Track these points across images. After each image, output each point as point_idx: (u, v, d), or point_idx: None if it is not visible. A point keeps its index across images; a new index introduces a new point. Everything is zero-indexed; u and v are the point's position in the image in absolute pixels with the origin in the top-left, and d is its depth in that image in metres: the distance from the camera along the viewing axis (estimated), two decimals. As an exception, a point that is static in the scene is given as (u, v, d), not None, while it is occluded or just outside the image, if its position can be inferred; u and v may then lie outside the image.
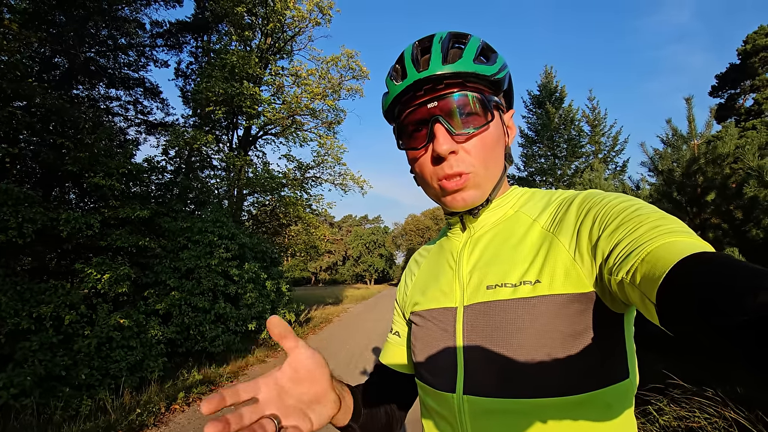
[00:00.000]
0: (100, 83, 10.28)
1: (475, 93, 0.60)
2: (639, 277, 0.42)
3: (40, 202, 5.27)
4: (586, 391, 0.52)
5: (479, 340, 0.59)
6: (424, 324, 0.69)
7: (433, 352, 0.65)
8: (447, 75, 0.59)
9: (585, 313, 0.53)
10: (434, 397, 0.65)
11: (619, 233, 0.48)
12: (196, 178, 9.37)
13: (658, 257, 0.41)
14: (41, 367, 4.33)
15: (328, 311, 14.81)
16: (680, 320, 0.37)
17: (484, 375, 0.57)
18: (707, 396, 2.81)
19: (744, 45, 20.05)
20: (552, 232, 0.59)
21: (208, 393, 5.20)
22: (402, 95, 0.63)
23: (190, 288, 6.59)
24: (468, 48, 0.61)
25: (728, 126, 4.51)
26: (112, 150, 6.45)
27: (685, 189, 4.54)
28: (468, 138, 0.60)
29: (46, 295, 4.80)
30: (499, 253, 0.63)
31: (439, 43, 0.61)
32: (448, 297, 0.67)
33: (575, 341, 0.53)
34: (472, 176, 0.61)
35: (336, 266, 57.12)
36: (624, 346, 0.56)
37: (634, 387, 0.57)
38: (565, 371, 0.52)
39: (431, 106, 0.60)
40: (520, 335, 0.55)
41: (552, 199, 0.65)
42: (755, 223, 3.69)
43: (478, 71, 0.60)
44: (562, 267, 0.55)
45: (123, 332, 5.27)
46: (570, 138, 12.73)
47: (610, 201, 0.54)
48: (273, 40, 11.93)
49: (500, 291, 0.59)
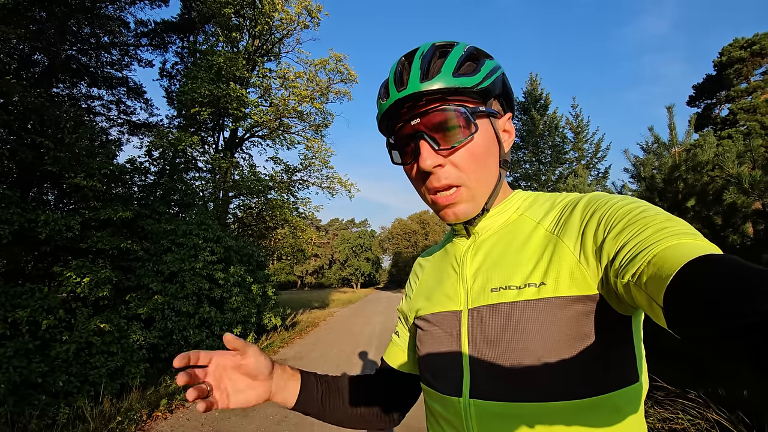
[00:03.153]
0: (82, 82, 10.03)
1: (458, 106, 0.59)
2: (646, 279, 0.42)
3: (17, 203, 5.09)
4: (594, 394, 0.52)
5: (484, 343, 0.58)
6: (429, 328, 0.69)
7: (438, 356, 0.65)
8: (425, 93, 0.58)
9: (591, 316, 0.53)
10: (440, 402, 0.64)
11: (625, 235, 0.48)
12: (181, 179, 9.19)
13: (665, 259, 0.40)
14: (16, 374, 4.16)
15: (315, 315, 14.68)
16: (688, 323, 0.36)
17: (491, 378, 0.57)
18: (690, 398, 2.87)
19: (720, 57, 20.79)
20: (556, 234, 0.59)
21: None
22: (389, 112, 0.63)
23: (174, 292, 6.44)
24: (448, 61, 0.60)
25: (706, 135, 4.64)
26: (93, 150, 6.28)
27: (667, 195, 4.66)
28: (452, 151, 0.60)
29: (22, 299, 4.63)
30: (503, 256, 0.63)
31: (420, 59, 0.61)
32: (453, 300, 0.66)
33: (581, 343, 0.52)
34: (464, 190, 0.61)
35: (322, 270, 56.70)
36: (633, 349, 0.55)
37: (643, 391, 0.56)
38: (572, 374, 0.52)
39: (414, 122, 0.61)
40: (526, 338, 0.54)
41: (556, 202, 0.64)
42: (734, 229, 3.81)
43: (458, 84, 0.59)
44: (567, 269, 0.55)
45: (103, 337, 5.11)
46: (554, 144, 12.97)
47: (615, 203, 0.54)
48: (261, 42, 11.85)
49: (504, 293, 0.58)
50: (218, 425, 4.26)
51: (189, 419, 4.45)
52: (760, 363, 0.29)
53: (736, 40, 20.09)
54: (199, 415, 4.55)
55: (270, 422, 4.32)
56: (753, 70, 19.93)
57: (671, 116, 5.08)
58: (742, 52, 19.64)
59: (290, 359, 7.46)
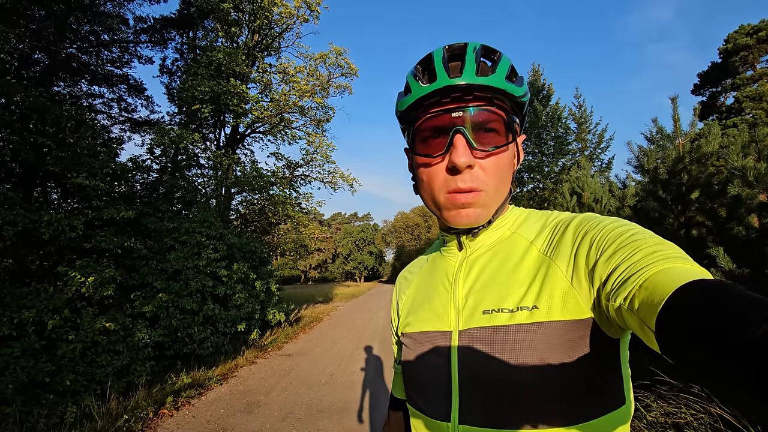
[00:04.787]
0: (83, 80, 10.04)
1: (501, 111, 0.59)
2: (637, 303, 0.41)
3: (20, 204, 5.12)
4: (584, 420, 0.51)
5: (475, 366, 0.57)
6: (417, 347, 0.67)
7: (425, 377, 0.64)
8: (480, 87, 0.57)
9: (583, 341, 0.52)
10: (427, 425, 0.63)
11: (617, 258, 0.48)
12: (183, 177, 9.23)
13: (657, 284, 0.40)
14: (23, 374, 4.21)
15: (319, 310, 14.76)
16: (681, 348, 0.36)
17: (480, 404, 0.56)
18: (693, 392, 2.87)
19: (725, 44, 20.48)
20: (549, 256, 0.58)
21: (197, 396, 5.13)
22: (426, 98, 0.60)
23: (178, 290, 6.49)
24: (501, 64, 0.60)
25: (711, 125, 4.58)
26: (95, 149, 6.29)
27: (671, 187, 4.61)
28: (487, 155, 0.59)
29: (27, 299, 4.67)
30: (495, 276, 0.62)
31: (474, 53, 0.60)
32: (443, 320, 0.65)
33: (573, 369, 0.52)
34: (483, 194, 0.59)
35: (326, 264, 56.91)
36: (620, 371, 0.55)
37: (630, 413, 0.56)
38: (563, 400, 0.51)
39: (455, 115, 0.58)
40: (517, 363, 0.53)
41: (547, 222, 0.64)
42: (738, 221, 3.77)
43: (508, 90, 0.59)
44: (560, 292, 0.54)
45: (109, 336, 5.16)
46: (557, 135, 12.88)
47: (606, 225, 0.53)
48: (260, 37, 11.77)
49: (497, 316, 0.57)
50: (224, 422, 4.30)
51: (195, 416, 4.50)
52: (755, 388, 0.29)
53: (742, 27, 19.76)
54: (204, 413, 4.60)
55: (275, 418, 4.36)
56: (759, 57, 19.64)
57: (675, 107, 5.01)
58: (747, 38, 19.32)
59: (295, 354, 7.52)
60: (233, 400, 4.99)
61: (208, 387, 5.50)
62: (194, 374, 5.78)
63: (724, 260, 3.10)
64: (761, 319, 0.30)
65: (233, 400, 4.99)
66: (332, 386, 5.43)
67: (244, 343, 7.86)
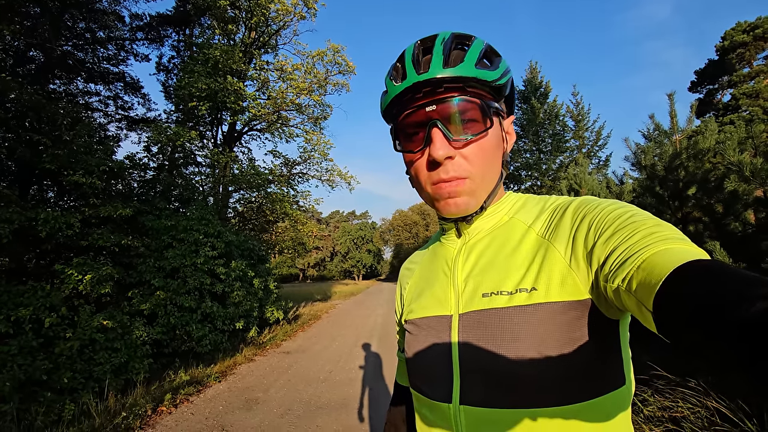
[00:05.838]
0: (78, 78, 9.98)
1: (475, 98, 0.59)
2: (635, 284, 0.42)
3: (16, 202, 5.09)
4: (584, 399, 0.52)
5: (475, 348, 0.58)
6: (419, 332, 0.68)
7: (427, 361, 0.65)
8: (447, 79, 0.57)
9: (581, 321, 0.53)
10: (430, 408, 0.64)
11: (615, 240, 0.48)
12: (180, 175, 9.18)
13: (654, 264, 0.41)
14: (21, 371, 4.19)
15: (317, 308, 14.76)
16: (678, 328, 0.37)
17: (481, 384, 0.56)
18: (690, 386, 2.89)
19: (722, 41, 20.54)
20: (547, 239, 0.58)
21: (195, 394, 5.13)
22: (401, 96, 0.62)
23: (176, 287, 6.47)
24: (471, 51, 0.60)
25: (708, 121, 4.60)
26: (91, 147, 6.25)
27: (668, 183, 4.63)
28: (465, 144, 0.59)
29: (24, 297, 4.64)
30: (494, 260, 0.62)
31: (441, 45, 0.60)
32: (443, 305, 0.66)
33: (572, 349, 0.52)
34: (468, 182, 0.60)
35: (324, 262, 56.92)
36: (620, 352, 0.55)
37: (630, 393, 0.56)
38: (562, 380, 0.52)
39: (429, 109, 0.59)
40: (517, 344, 0.54)
41: (546, 206, 0.64)
42: (735, 217, 3.79)
43: (479, 76, 0.58)
44: (558, 274, 0.54)
45: (106, 334, 5.14)
46: (555, 133, 12.89)
47: (605, 207, 0.54)
48: (257, 34, 11.71)
49: (496, 299, 0.58)
50: (222, 419, 4.30)
51: (193, 413, 4.50)
52: (748, 367, 0.30)
53: (739, 24, 19.83)
54: (203, 410, 4.60)
55: (273, 415, 4.36)
56: (755, 55, 19.70)
57: (672, 103, 5.03)
58: (744, 36, 19.39)
59: (293, 352, 7.52)
60: (232, 397, 4.99)
61: (207, 384, 5.50)
62: (192, 372, 5.78)
63: (720, 255, 3.11)
64: (756, 297, 0.30)
65: (232, 397, 4.99)
66: (331, 383, 5.43)
67: (243, 341, 7.86)
